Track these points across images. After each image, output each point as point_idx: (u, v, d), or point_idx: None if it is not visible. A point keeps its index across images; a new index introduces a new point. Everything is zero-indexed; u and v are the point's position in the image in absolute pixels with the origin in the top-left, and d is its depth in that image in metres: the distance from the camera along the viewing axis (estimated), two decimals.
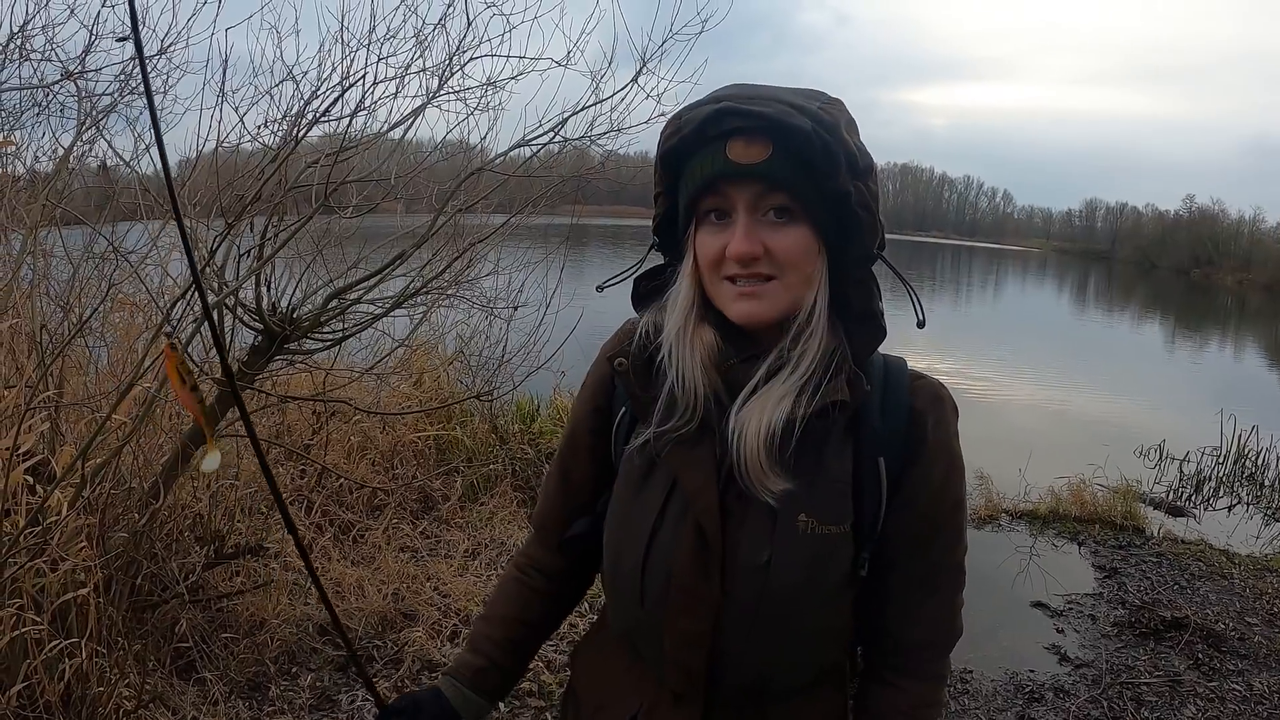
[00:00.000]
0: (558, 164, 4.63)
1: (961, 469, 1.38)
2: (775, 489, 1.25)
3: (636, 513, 1.37)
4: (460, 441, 6.42)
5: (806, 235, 1.26)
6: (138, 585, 3.47)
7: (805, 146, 1.19)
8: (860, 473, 1.31)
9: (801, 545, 1.27)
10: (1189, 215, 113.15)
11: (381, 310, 4.22)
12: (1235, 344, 29.47)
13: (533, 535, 1.66)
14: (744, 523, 1.29)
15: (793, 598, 1.28)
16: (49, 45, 3.94)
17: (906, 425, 1.33)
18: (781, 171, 1.22)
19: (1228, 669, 4.85)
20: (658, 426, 1.33)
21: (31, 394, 2.90)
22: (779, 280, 1.27)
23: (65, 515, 2.88)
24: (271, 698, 3.71)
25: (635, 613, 1.37)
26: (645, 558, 1.34)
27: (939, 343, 18.49)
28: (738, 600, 1.28)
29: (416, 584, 4.66)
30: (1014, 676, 4.64)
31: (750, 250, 1.24)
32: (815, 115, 1.20)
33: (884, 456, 1.31)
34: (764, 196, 1.24)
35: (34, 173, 4.27)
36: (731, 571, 1.28)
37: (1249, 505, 8.43)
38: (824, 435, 1.29)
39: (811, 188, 1.23)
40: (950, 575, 1.42)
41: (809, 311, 1.28)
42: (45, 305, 3.84)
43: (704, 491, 1.30)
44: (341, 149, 3.79)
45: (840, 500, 1.29)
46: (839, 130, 1.22)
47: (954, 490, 1.37)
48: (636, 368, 1.38)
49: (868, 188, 1.26)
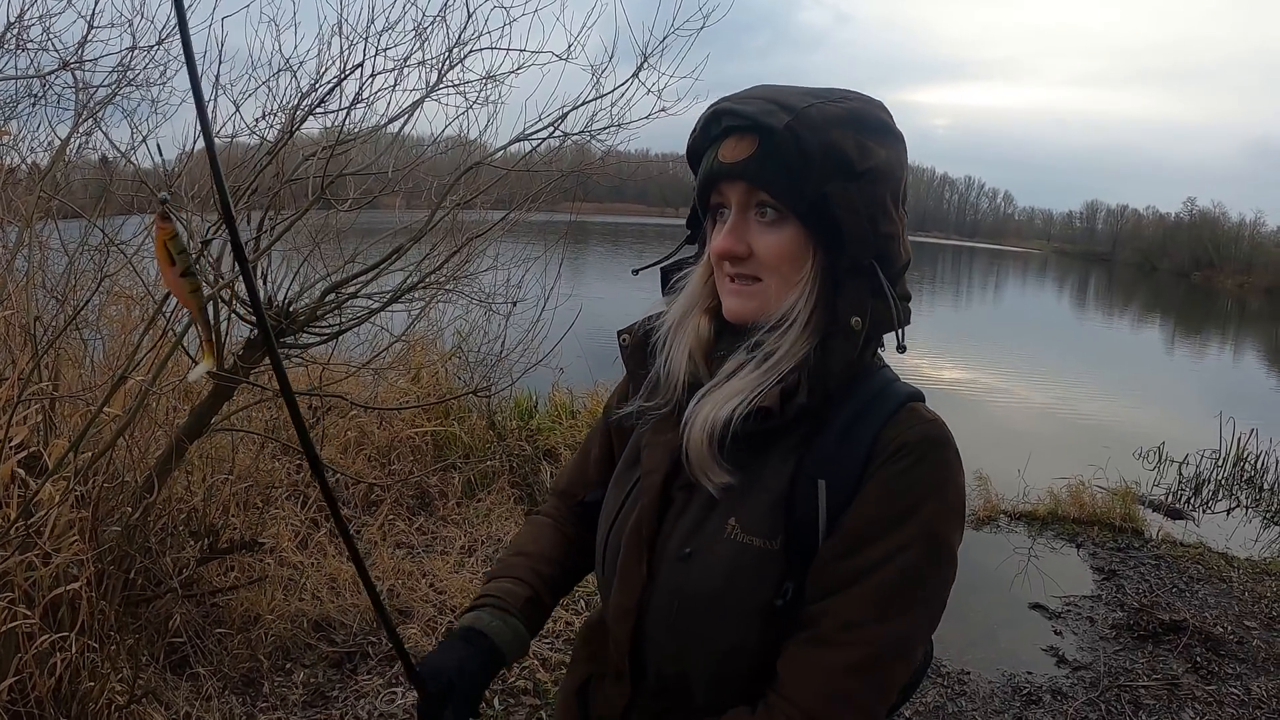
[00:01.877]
0: (558, 159, 4.61)
1: (928, 534, 1.18)
2: (716, 481, 1.25)
3: (617, 487, 1.43)
4: (457, 437, 6.41)
5: (794, 237, 1.23)
6: (131, 579, 3.45)
7: (779, 144, 1.18)
8: (795, 491, 1.22)
9: (723, 548, 1.24)
10: (1190, 218, 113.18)
11: (379, 305, 4.20)
12: (1235, 347, 29.46)
13: (553, 498, 1.70)
14: (682, 513, 1.30)
15: (708, 602, 1.24)
16: (46, 35, 3.92)
17: (866, 454, 1.20)
18: (761, 170, 1.20)
19: (1226, 672, 4.84)
20: (644, 402, 1.38)
21: (24, 385, 2.87)
22: (764, 282, 1.26)
23: (57, 508, 2.86)
24: (265, 694, 3.69)
25: (600, 578, 1.43)
26: (610, 530, 1.39)
27: (940, 344, 18.50)
28: (660, 587, 1.29)
29: (412, 580, 4.65)
30: (1011, 678, 4.63)
31: (730, 248, 1.25)
32: (799, 112, 1.18)
33: (825, 479, 1.20)
34: (751, 195, 1.24)
35: (31, 165, 4.24)
36: (658, 557, 1.30)
37: (1248, 508, 8.42)
38: (774, 448, 1.26)
39: (790, 187, 1.20)
40: (847, 637, 1.16)
41: (783, 314, 1.25)
42: (40, 297, 3.81)
43: (653, 473, 1.34)
44: (339, 142, 3.76)
45: (768, 512, 1.23)
46: (824, 128, 1.18)
47: (895, 544, 1.17)
48: (635, 344, 1.43)
49: (860, 191, 1.20)
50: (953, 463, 1.22)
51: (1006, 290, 51.51)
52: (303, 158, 3.80)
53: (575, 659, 1.59)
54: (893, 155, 1.25)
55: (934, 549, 1.18)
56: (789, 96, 1.21)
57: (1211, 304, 56.00)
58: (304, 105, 3.73)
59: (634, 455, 1.43)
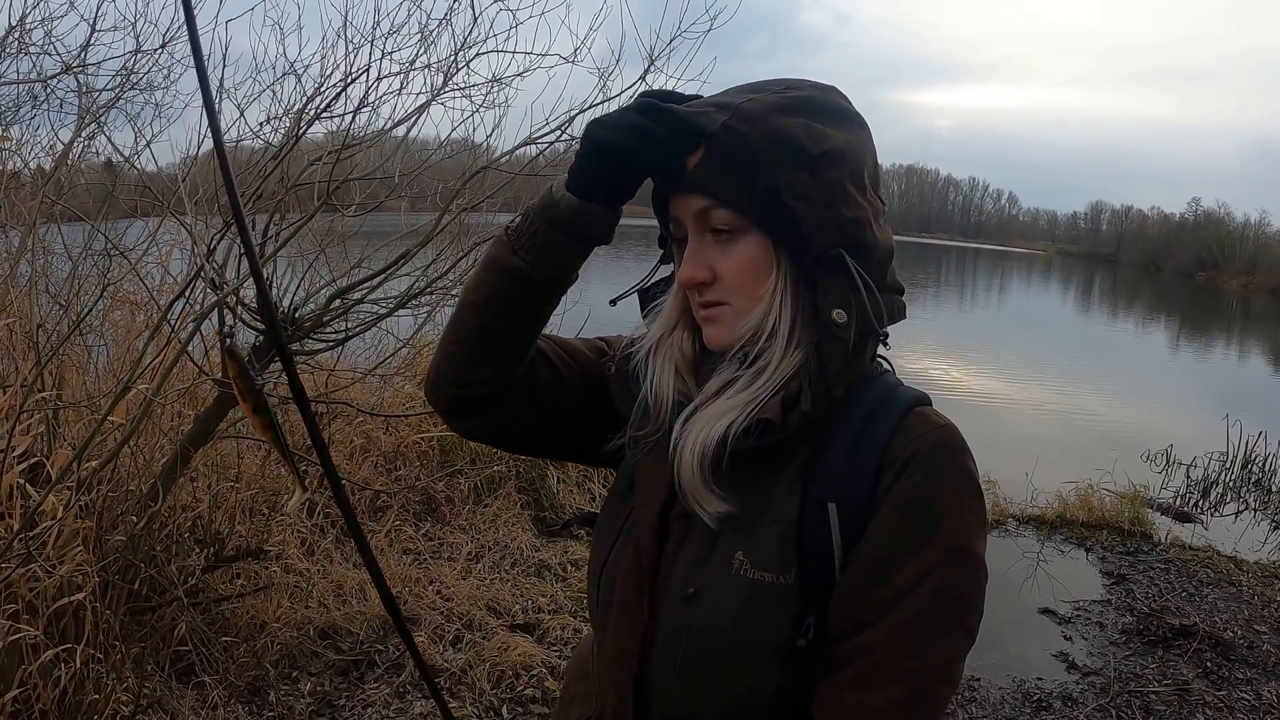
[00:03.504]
0: (564, 163, 4.58)
1: (957, 547, 1.10)
2: (711, 510, 1.15)
3: (610, 517, 1.33)
4: (464, 443, 6.38)
5: (753, 250, 1.16)
6: (135, 588, 3.43)
7: (724, 145, 1.11)
8: (805, 518, 1.13)
9: (732, 586, 1.13)
10: (1194, 218, 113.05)
11: (385, 310, 4.17)
12: (1240, 348, 29.43)
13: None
14: (681, 546, 1.20)
15: (718, 644, 1.14)
16: (48, 39, 3.90)
17: (876, 468, 1.12)
18: (710, 177, 1.14)
19: (1236, 678, 4.81)
20: (634, 430, 1.27)
21: (27, 394, 2.85)
22: (731, 305, 1.19)
23: (61, 518, 2.84)
24: (271, 702, 3.67)
25: (594, 617, 1.34)
26: (604, 564, 1.29)
27: (945, 347, 18.48)
28: (664, 628, 1.18)
29: (419, 587, 4.63)
30: (1021, 684, 4.60)
31: (694, 276, 1.18)
32: (736, 108, 1.12)
33: (836, 502, 1.12)
34: (704, 215, 1.17)
35: (35, 169, 4.23)
36: (661, 595, 1.19)
37: (1256, 511, 8.40)
38: (780, 468, 1.17)
39: (744, 190, 1.13)
40: (888, 676, 1.08)
41: (761, 328, 1.17)
42: (44, 303, 3.80)
43: (648, 504, 1.23)
44: (344, 146, 3.74)
45: (778, 544, 1.13)
46: (765, 118, 1.12)
47: (924, 564, 1.09)
48: (620, 371, 1.32)
49: (815, 176, 1.12)
50: (970, 469, 1.14)
51: (1011, 292, 51.49)
52: (308, 162, 3.78)
53: (568, 695, 1.47)
54: (851, 138, 1.17)
55: (962, 564, 1.10)
56: (727, 95, 1.16)
57: (1216, 305, 55.94)
58: (310, 109, 3.71)
59: (625, 485, 1.33)
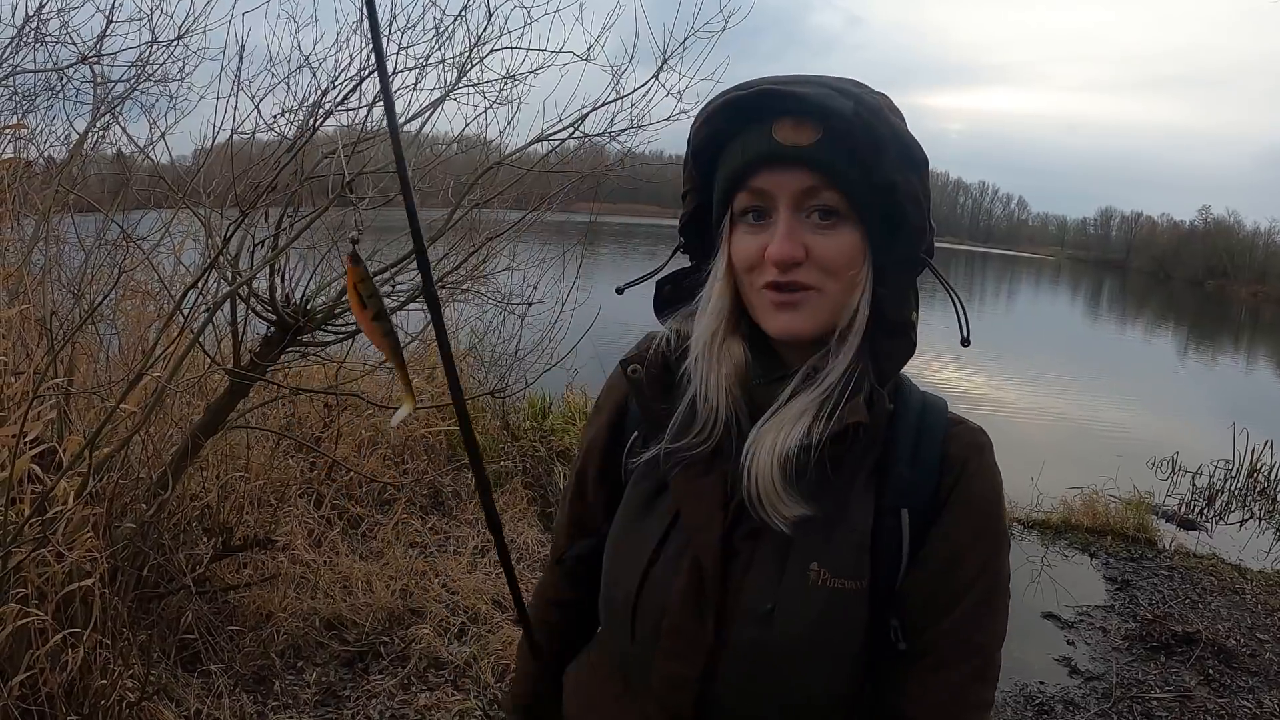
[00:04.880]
0: (575, 160, 4.60)
1: (1000, 534, 1.21)
2: (790, 515, 1.13)
3: (635, 540, 1.26)
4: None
5: (854, 237, 1.14)
6: (144, 576, 3.45)
7: (850, 131, 1.08)
8: (880, 525, 1.17)
9: (811, 598, 1.14)
10: (1204, 226, 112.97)
11: (396, 304, 4.19)
12: (1249, 357, 29.32)
13: (550, 570, 1.52)
14: (750, 565, 1.17)
15: (795, 655, 1.14)
16: (64, 29, 3.92)
17: (937, 474, 1.18)
18: (831, 157, 1.10)
19: (1238, 685, 4.81)
20: (670, 442, 1.22)
21: (40, 381, 2.87)
22: (820, 290, 1.15)
23: (72, 505, 2.85)
24: (276, 692, 3.69)
25: (626, 646, 1.26)
26: (639, 591, 1.22)
27: (954, 352, 18.44)
28: (734, 649, 1.16)
29: (425, 580, 4.64)
30: (1024, 688, 4.61)
31: (792, 253, 1.12)
32: (858, 98, 1.10)
33: (908, 508, 1.17)
34: (810, 193, 1.13)
35: (48, 159, 4.25)
36: (730, 617, 1.16)
37: (1261, 520, 8.37)
38: (849, 476, 1.17)
39: (860, 178, 1.11)
40: (964, 653, 1.18)
41: (850, 320, 1.16)
42: (57, 292, 3.82)
43: (707, 526, 1.18)
44: (359, 140, 3.76)
45: (857, 553, 1.15)
46: (884, 114, 1.12)
47: (982, 554, 1.18)
48: (652, 376, 1.27)
49: (919, 182, 1.14)
50: (996, 462, 1.24)
51: (1020, 297, 51.31)
52: (322, 155, 3.79)
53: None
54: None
55: (1005, 548, 1.22)
56: (837, 83, 1.13)
57: (1225, 313, 55.78)
58: (325, 103, 3.72)
59: (644, 500, 1.28)
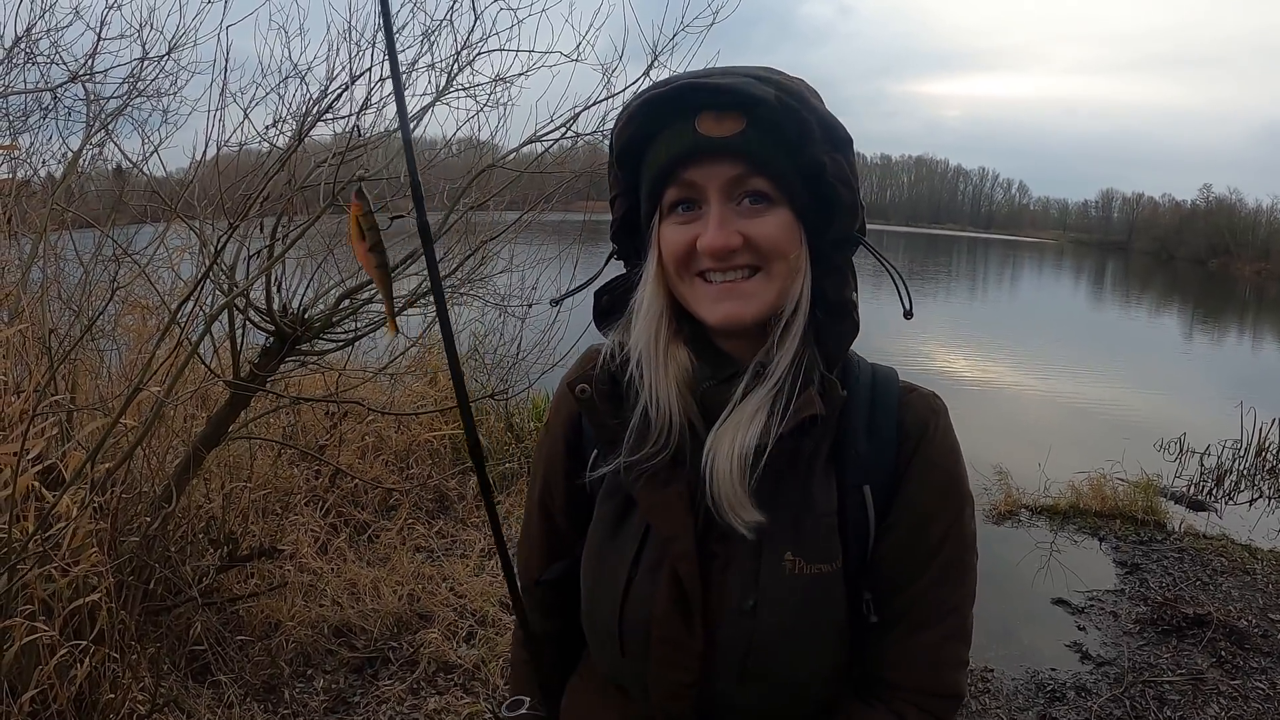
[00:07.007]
0: (570, 160, 4.59)
1: (963, 494, 1.24)
2: (750, 520, 1.13)
3: (611, 560, 1.26)
4: None
5: (788, 217, 1.14)
6: (150, 589, 3.46)
7: (774, 117, 1.09)
8: (845, 505, 1.19)
9: (790, 587, 1.16)
10: (1206, 205, 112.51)
11: (396, 306, 4.20)
12: (1254, 335, 29.23)
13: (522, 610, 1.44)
14: (728, 565, 1.18)
15: (783, 643, 1.17)
16: (54, 48, 3.93)
17: (895, 444, 1.21)
18: (757, 146, 1.11)
19: (1251, 667, 4.79)
20: (628, 456, 1.21)
21: (40, 397, 2.87)
22: (764, 272, 1.15)
23: (75, 520, 2.86)
24: (286, 700, 3.70)
25: (617, 662, 1.27)
26: (622, 608, 1.23)
27: (957, 337, 18.43)
28: (725, 648, 1.18)
29: (432, 584, 4.64)
30: (1035, 675, 4.59)
31: (726, 242, 1.12)
32: (778, 84, 1.11)
33: (869, 484, 1.19)
34: (738, 181, 1.13)
35: (44, 177, 4.26)
36: (716, 619, 1.18)
37: (1271, 499, 8.32)
38: (808, 463, 1.18)
39: (788, 162, 1.12)
40: (938, 614, 1.22)
41: (794, 307, 1.15)
42: (55, 308, 3.82)
43: (680, 537, 1.18)
44: (350, 147, 3.76)
45: (827, 537, 1.18)
46: (805, 97, 1.12)
47: (948, 516, 1.22)
48: (601, 393, 1.26)
49: (846, 161, 1.15)
50: (951, 424, 1.26)
51: (1023, 281, 51.17)
52: (314, 164, 3.79)
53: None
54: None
55: (969, 505, 1.25)
56: (755, 71, 1.14)
57: (1229, 291, 55.56)
58: (314, 111, 3.73)
59: (614, 519, 1.28)
